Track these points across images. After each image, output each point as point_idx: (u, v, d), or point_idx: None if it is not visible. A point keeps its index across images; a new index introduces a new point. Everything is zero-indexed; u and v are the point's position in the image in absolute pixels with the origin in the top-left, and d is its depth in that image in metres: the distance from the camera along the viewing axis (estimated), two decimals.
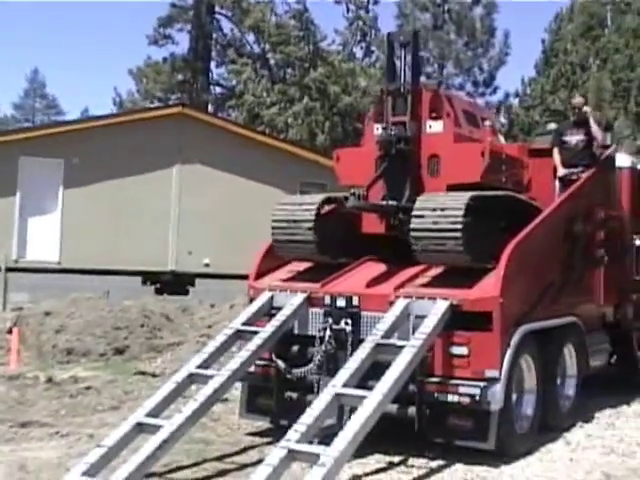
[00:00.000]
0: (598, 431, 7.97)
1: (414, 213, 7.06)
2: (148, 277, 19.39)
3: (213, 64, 37.71)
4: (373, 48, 36.25)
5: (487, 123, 8.47)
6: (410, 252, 7.17)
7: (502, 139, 9.09)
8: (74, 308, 13.51)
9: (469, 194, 7.02)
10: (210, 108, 35.79)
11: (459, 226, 6.78)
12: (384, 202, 7.67)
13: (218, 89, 38.48)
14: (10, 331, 12.58)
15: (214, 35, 37.15)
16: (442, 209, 6.93)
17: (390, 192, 7.70)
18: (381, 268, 7.74)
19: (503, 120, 33.37)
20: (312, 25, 35.51)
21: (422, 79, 8.54)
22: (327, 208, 7.95)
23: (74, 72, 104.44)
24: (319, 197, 8.03)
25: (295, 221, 7.77)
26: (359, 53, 36.85)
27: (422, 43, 32.88)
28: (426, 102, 7.85)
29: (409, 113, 7.72)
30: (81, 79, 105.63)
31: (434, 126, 7.82)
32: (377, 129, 7.99)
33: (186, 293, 18.79)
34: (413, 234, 7.01)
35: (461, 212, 6.81)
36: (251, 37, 36.48)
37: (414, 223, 7.01)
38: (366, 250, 8.01)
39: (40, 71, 69.25)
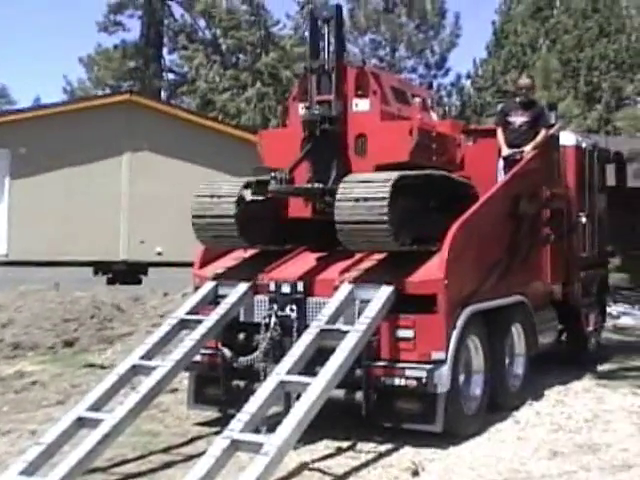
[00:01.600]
0: (547, 408, 8.01)
1: (337, 203, 6.71)
2: (100, 267, 19.15)
3: (165, 50, 37.40)
4: None
5: (417, 100, 8.20)
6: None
7: (434, 116, 8.81)
8: (22, 301, 13.27)
9: (394, 176, 6.71)
10: (163, 95, 35.45)
11: (385, 217, 6.48)
12: (309, 185, 7.37)
13: (171, 76, 38.13)
14: None
15: (165, 21, 36.76)
16: (365, 199, 6.57)
17: (316, 174, 7.39)
18: (326, 254, 7.65)
19: (457, 102, 33.47)
20: (263, 10, 35.30)
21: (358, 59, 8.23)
22: (251, 192, 7.58)
23: (24, 61, 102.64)
24: (240, 182, 7.60)
25: (215, 211, 7.38)
26: None
27: (374, 26, 32.93)
28: (351, 80, 7.52)
29: (334, 91, 7.37)
30: (31, 68, 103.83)
31: (360, 104, 7.51)
32: (301, 109, 7.64)
33: (139, 282, 18.59)
34: (338, 225, 6.70)
35: (386, 202, 6.49)
36: (202, 23, 36.18)
37: (337, 214, 6.68)
38: (295, 236, 7.79)
39: None
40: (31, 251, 18.12)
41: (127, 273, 19.07)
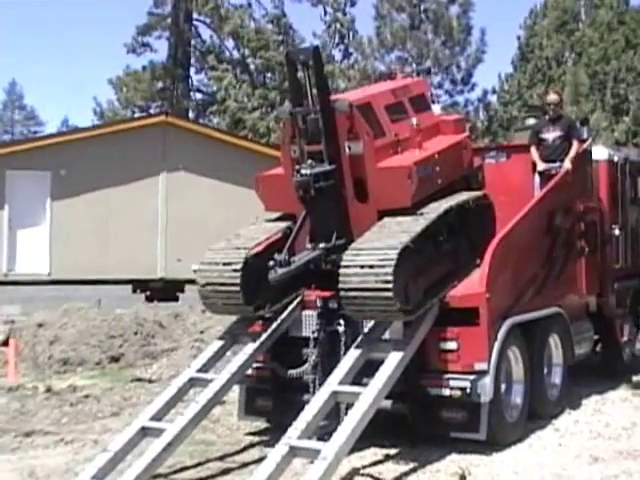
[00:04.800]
0: (585, 417, 8.24)
1: (341, 270, 6.45)
2: (138, 285, 19.56)
3: (193, 71, 37.88)
4: (351, 50, 36.53)
5: (413, 121, 7.61)
6: None
7: (436, 109, 8.41)
8: (67, 319, 13.63)
9: (400, 245, 6.38)
10: (191, 115, 35.91)
11: (390, 285, 6.23)
12: (310, 254, 7.11)
13: (199, 95, 38.64)
14: (6, 343, 12.72)
15: (193, 42, 37.26)
16: (370, 266, 6.33)
17: (318, 232, 7.20)
18: None
19: (484, 117, 33.65)
20: (290, 29, 35.81)
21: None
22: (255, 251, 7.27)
23: (52, 83, 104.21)
24: (246, 249, 7.26)
25: (222, 279, 7.30)
26: (338, 55, 37.09)
27: (401, 44, 33.19)
28: (341, 124, 6.99)
29: (324, 141, 6.92)
30: (60, 90, 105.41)
31: (354, 147, 7.01)
32: (294, 152, 7.27)
33: (176, 300, 18.94)
34: (342, 293, 6.49)
35: (391, 269, 6.24)
36: (230, 43, 36.72)
37: (341, 282, 6.44)
38: (307, 282, 7.54)
39: (18, 82, 68.95)
40: (72, 270, 18.62)
41: (165, 290, 19.45)
